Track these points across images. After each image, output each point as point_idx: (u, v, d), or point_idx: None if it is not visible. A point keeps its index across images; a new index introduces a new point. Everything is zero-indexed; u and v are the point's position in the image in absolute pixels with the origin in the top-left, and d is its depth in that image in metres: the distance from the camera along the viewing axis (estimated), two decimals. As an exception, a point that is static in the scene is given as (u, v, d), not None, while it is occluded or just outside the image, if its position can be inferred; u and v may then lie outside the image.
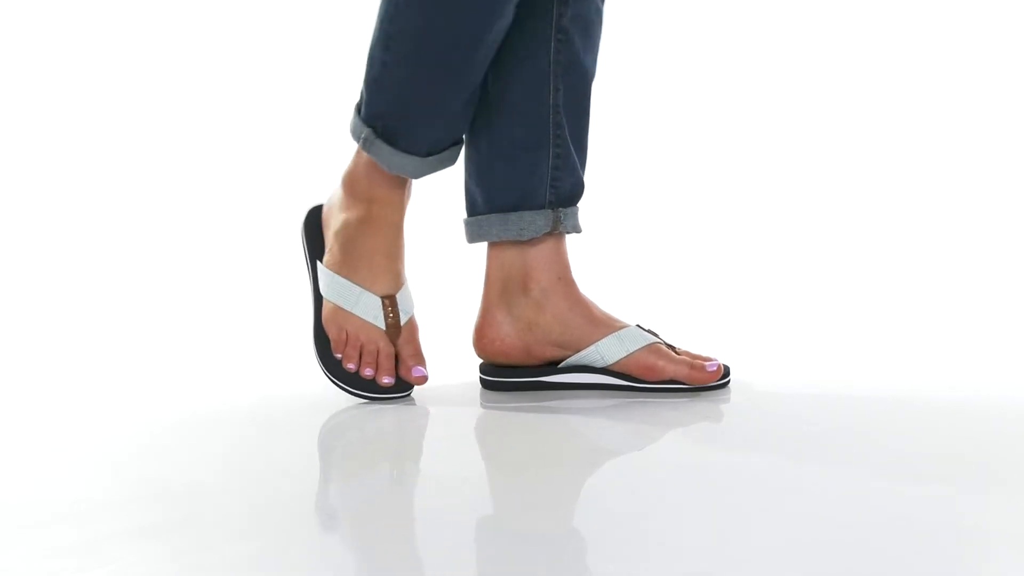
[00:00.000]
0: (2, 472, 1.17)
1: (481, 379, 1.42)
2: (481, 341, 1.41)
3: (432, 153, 1.37)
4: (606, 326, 1.38)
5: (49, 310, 1.95)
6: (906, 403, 1.33)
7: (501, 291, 1.40)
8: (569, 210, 1.40)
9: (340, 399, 1.37)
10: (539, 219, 1.38)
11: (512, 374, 1.40)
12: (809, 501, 1.03)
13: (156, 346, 1.70)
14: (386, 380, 1.35)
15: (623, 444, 1.25)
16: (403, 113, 1.34)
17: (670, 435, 1.26)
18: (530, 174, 1.38)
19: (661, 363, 1.36)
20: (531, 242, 1.39)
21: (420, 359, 1.38)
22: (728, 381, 1.38)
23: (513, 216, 1.38)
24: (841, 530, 0.95)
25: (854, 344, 1.65)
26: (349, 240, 1.38)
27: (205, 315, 1.89)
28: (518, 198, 1.38)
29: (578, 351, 1.38)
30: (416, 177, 1.38)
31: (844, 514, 0.99)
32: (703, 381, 1.35)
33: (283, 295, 1.98)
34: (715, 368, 1.35)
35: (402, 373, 1.37)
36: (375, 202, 1.38)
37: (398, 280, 1.39)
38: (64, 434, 1.29)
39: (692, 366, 1.35)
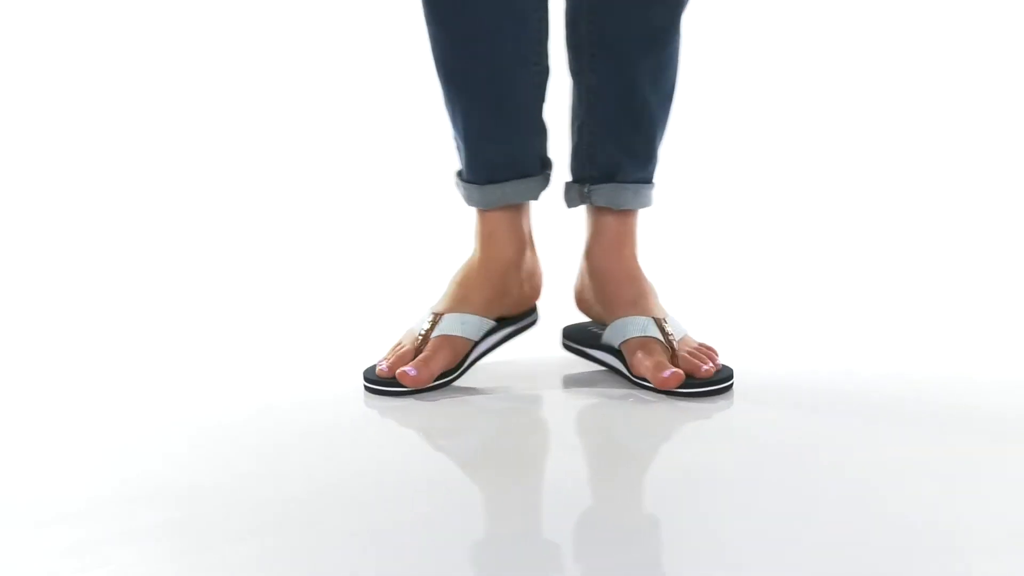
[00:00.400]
0: (2, 472, 1.17)
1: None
2: (575, 290, 1.52)
3: (493, 182, 1.43)
4: (629, 308, 1.41)
5: (50, 310, 1.96)
6: (908, 403, 1.33)
7: (583, 250, 1.50)
8: (600, 187, 1.45)
9: (340, 401, 1.37)
10: (572, 192, 1.48)
11: (574, 339, 1.50)
12: (809, 501, 1.03)
13: (157, 346, 1.70)
14: (380, 367, 1.38)
15: (626, 443, 1.25)
16: (458, 139, 1.44)
17: (674, 435, 1.26)
18: (576, 150, 1.47)
19: (634, 358, 1.37)
20: (595, 213, 1.48)
21: (418, 364, 1.37)
22: (729, 385, 1.35)
23: (566, 185, 1.49)
24: (841, 530, 0.95)
25: (856, 344, 1.64)
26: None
27: (208, 316, 1.89)
28: (572, 170, 1.49)
29: (605, 325, 1.44)
30: (484, 207, 1.45)
31: (844, 514, 0.99)
32: (659, 385, 1.34)
33: (288, 299, 1.98)
34: (668, 375, 1.33)
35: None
36: (476, 242, 1.49)
37: (459, 305, 1.43)
38: (64, 434, 1.29)
39: (656, 366, 1.35)
